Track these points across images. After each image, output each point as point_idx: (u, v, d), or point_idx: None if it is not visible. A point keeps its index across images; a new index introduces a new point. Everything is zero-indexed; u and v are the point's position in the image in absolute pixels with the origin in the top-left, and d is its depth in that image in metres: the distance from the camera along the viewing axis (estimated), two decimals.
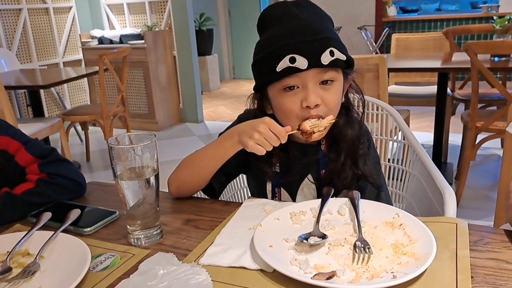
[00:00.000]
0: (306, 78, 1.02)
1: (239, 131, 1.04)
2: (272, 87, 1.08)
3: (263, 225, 0.92)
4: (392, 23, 6.80)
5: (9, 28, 4.83)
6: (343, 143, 1.13)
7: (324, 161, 1.16)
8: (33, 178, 1.12)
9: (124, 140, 0.93)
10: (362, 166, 1.14)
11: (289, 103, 1.05)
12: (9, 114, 2.83)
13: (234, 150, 1.07)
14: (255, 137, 0.99)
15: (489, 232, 0.90)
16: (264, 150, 1.00)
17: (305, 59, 0.99)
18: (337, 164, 1.13)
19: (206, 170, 1.13)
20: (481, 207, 2.99)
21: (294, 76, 1.02)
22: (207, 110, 6.25)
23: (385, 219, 0.94)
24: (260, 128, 0.99)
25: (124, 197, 0.91)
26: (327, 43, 1.01)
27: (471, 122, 2.83)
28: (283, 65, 1.01)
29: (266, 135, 0.99)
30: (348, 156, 1.13)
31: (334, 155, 1.14)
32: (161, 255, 0.85)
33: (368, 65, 2.70)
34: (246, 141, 1.01)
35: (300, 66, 1.00)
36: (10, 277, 0.82)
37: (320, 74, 1.03)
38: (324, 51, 1.00)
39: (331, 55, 1.01)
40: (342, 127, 1.13)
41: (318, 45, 1.01)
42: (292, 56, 1.00)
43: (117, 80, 3.93)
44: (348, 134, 1.12)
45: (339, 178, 1.12)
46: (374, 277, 0.76)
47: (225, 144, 1.08)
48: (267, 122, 1.00)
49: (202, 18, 7.30)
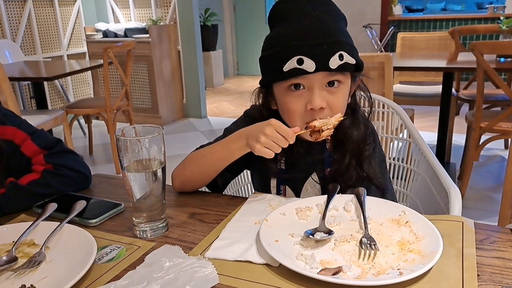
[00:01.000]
0: (312, 81, 1.01)
1: (247, 134, 1.04)
2: (277, 85, 1.07)
3: (269, 220, 0.91)
4: (398, 22, 6.78)
5: (14, 20, 4.83)
6: (348, 144, 1.12)
7: (329, 160, 1.15)
8: (38, 169, 1.12)
9: (131, 132, 0.93)
10: (367, 168, 1.13)
11: (293, 104, 1.04)
12: (13, 106, 2.83)
13: (241, 153, 1.06)
14: (262, 140, 0.98)
15: (495, 231, 0.90)
16: (272, 153, 0.99)
17: (313, 61, 0.98)
18: (341, 165, 1.12)
19: (212, 169, 1.12)
20: (483, 208, 2.98)
21: (301, 77, 1.01)
22: (210, 105, 6.25)
23: (391, 216, 0.94)
24: (266, 131, 0.98)
25: (131, 189, 0.91)
26: (337, 47, 1.00)
27: (475, 122, 2.83)
28: (290, 66, 0.99)
29: (273, 137, 0.98)
30: (353, 157, 1.12)
31: (339, 156, 1.13)
32: (167, 247, 0.86)
33: (373, 63, 2.70)
34: (253, 145, 1.00)
35: (307, 69, 0.98)
36: (16, 267, 0.82)
37: (327, 77, 1.01)
38: (333, 54, 0.99)
39: (340, 59, 0.99)
40: (348, 128, 1.11)
41: (328, 48, 0.99)
42: (300, 58, 0.98)
43: (121, 74, 3.93)
44: (353, 136, 1.11)
45: (343, 178, 1.11)
46: (380, 274, 0.76)
47: (232, 146, 1.07)
48: (274, 124, 0.99)
49: (207, 13, 7.28)
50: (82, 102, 4.27)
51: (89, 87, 5.77)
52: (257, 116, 1.15)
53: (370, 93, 1.17)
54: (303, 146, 1.14)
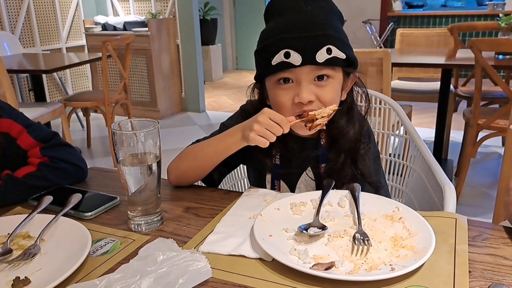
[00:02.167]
0: (300, 74, 1.01)
1: (242, 127, 1.04)
2: (268, 79, 1.08)
3: (263, 215, 0.92)
4: (397, 17, 6.76)
5: (13, 12, 4.81)
6: (343, 143, 1.12)
7: (324, 155, 1.15)
8: (34, 162, 1.13)
9: (127, 126, 0.93)
10: (361, 166, 1.13)
11: (281, 97, 1.04)
12: (11, 98, 2.83)
13: (237, 147, 1.07)
14: (255, 128, 0.99)
15: (488, 228, 0.91)
16: (266, 142, 0.99)
17: (299, 55, 0.98)
18: (336, 163, 1.12)
19: (208, 163, 1.13)
20: (480, 205, 2.99)
21: (289, 71, 1.01)
22: (209, 100, 6.24)
23: (385, 212, 0.95)
24: (260, 118, 0.99)
25: (126, 182, 0.91)
26: (325, 40, 0.99)
27: (473, 119, 2.83)
28: (277, 59, 1.00)
29: (266, 124, 0.98)
30: (348, 155, 1.12)
31: (334, 155, 1.13)
32: (161, 240, 0.86)
33: (372, 59, 2.69)
34: (247, 134, 1.00)
35: (294, 62, 0.99)
36: (10, 259, 0.82)
37: (315, 71, 1.01)
38: (320, 48, 0.98)
39: (328, 53, 0.99)
40: (343, 127, 1.11)
41: (314, 41, 0.99)
42: (287, 51, 0.98)
43: (120, 67, 3.92)
44: (349, 134, 1.11)
45: (339, 177, 1.11)
46: (372, 269, 0.76)
47: (228, 140, 1.08)
48: (267, 112, 1.00)
49: (207, 7, 7.27)
50: (81, 95, 4.26)
51: (88, 80, 5.76)
52: (252, 111, 1.16)
53: (367, 90, 1.17)
54: (296, 142, 1.15)
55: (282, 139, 1.07)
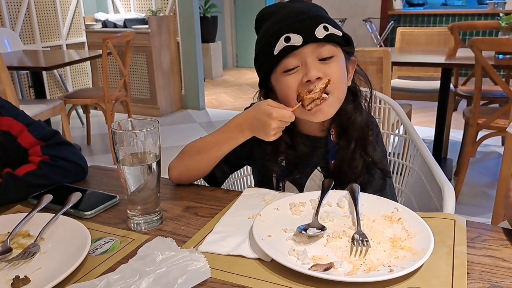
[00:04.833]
0: (304, 55, 1.03)
1: (252, 127, 1.05)
2: (274, 74, 1.08)
3: (262, 215, 0.92)
4: (398, 16, 6.76)
5: (13, 8, 4.80)
6: (352, 130, 1.12)
7: (334, 151, 1.16)
8: (35, 160, 1.13)
9: (127, 125, 0.93)
10: (371, 152, 1.14)
11: (290, 81, 1.05)
12: (11, 95, 2.83)
13: (244, 140, 1.08)
14: (274, 125, 1.00)
15: (486, 230, 0.91)
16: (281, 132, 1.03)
17: (299, 35, 1.01)
18: (347, 152, 1.12)
19: (211, 159, 1.13)
20: (479, 204, 3.00)
21: (292, 55, 1.03)
22: (209, 97, 6.24)
23: (384, 213, 0.95)
24: (274, 114, 0.99)
25: (126, 182, 0.91)
26: (320, 20, 1.04)
27: (473, 118, 2.83)
28: (279, 46, 1.02)
29: (281, 116, 1.00)
30: (359, 143, 1.13)
31: (344, 143, 1.13)
32: (160, 239, 0.86)
33: (372, 58, 2.69)
34: (268, 134, 1.02)
35: (295, 43, 1.01)
36: (10, 258, 0.83)
37: (318, 49, 1.03)
38: (317, 26, 1.02)
39: (325, 30, 1.02)
40: (350, 113, 1.12)
41: (311, 21, 1.03)
42: (287, 36, 1.01)
43: (120, 64, 3.92)
44: (357, 120, 1.12)
45: (350, 167, 1.12)
46: (371, 270, 0.76)
47: (233, 135, 1.08)
48: (270, 104, 1.01)
49: (207, 4, 7.26)
50: (81, 92, 4.26)
51: (88, 77, 5.76)
52: None
53: (368, 76, 1.17)
54: (306, 144, 1.15)
55: (290, 143, 1.08)
